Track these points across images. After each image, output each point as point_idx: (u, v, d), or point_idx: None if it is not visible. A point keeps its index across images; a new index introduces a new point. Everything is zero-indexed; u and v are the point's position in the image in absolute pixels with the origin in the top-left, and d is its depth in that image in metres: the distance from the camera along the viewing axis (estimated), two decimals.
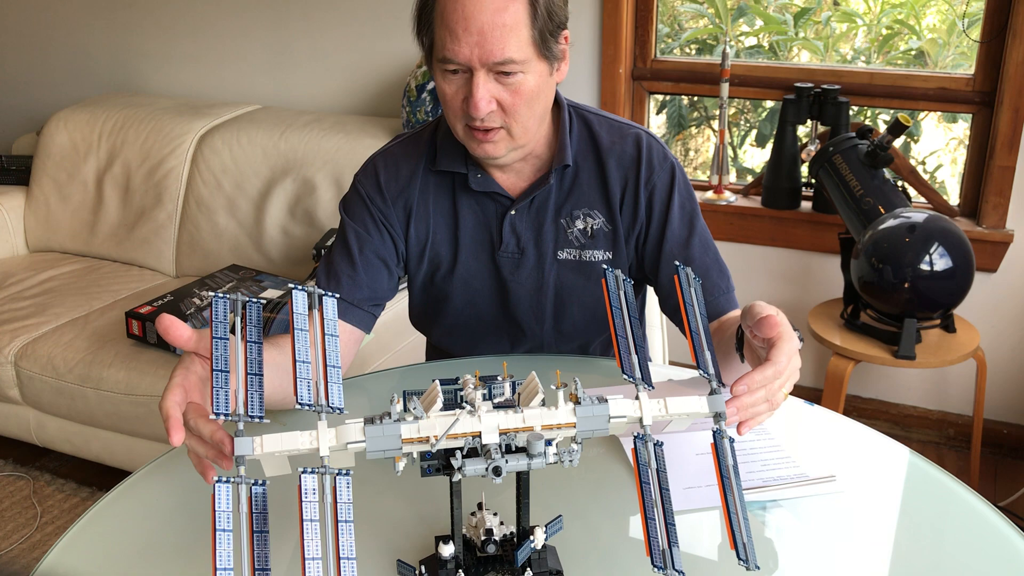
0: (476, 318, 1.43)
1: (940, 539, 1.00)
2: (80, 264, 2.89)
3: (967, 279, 2.13)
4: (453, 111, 1.24)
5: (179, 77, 3.25)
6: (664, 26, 3.01)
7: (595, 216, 1.35)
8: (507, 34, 1.15)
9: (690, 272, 0.93)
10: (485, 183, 1.34)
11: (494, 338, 1.45)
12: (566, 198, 1.36)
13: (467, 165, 1.34)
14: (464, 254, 1.38)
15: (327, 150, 2.60)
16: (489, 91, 1.19)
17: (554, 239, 1.36)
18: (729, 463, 0.84)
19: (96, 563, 0.98)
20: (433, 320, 1.47)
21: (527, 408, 0.82)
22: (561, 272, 1.38)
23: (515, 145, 1.26)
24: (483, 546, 0.88)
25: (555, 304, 1.39)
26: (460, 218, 1.37)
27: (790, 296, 2.69)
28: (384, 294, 1.39)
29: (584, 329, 1.42)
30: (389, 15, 2.84)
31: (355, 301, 1.34)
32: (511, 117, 1.22)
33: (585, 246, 1.36)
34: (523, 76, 1.19)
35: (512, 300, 1.40)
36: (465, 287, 1.40)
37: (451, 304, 1.42)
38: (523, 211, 1.36)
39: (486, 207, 1.37)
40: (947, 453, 2.60)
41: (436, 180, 1.37)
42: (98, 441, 2.39)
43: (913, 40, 3.23)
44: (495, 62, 1.17)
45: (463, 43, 1.16)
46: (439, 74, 1.22)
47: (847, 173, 2.27)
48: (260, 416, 0.80)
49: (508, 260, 1.37)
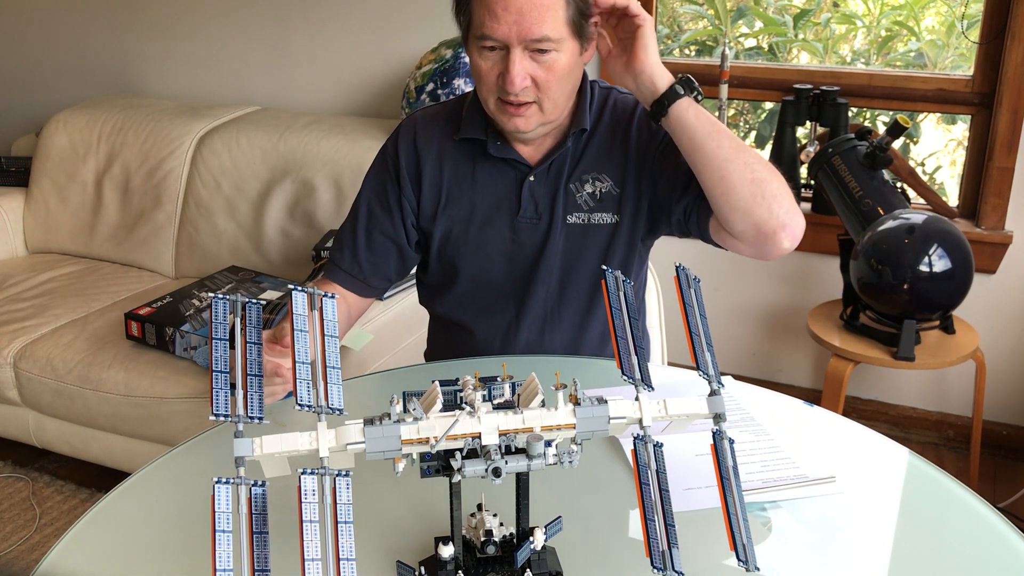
0: (486, 284, 1.47)
1: (940, 540, 1.00)
2: (79, 265, 2.88)
3: (966, 280, 2.13)
4: (487, 86, 1.30)
5: (178, 78, 3.25)
6: (664, 27, 3.01)
7: (603, 180, 1.40)
8: (544, 13, 1.22)
9: (690, 272, 0.93)
10: (504, 150, 1.40)
11: (501, 305, 1.48)
12: (578, 163, 1.41)
13: (487, 133, 1.39)
14: (480, 219, 1.43)
15: (326, 151, 2.59)
16: (524, 68, 1.26)
17: (564, 203, 1.41)
18: (729, 464, 0.84)
19: (95, 564, 0.98)
20: (443, 288, 1.51)
21: (527, 409, 0.82)
22: (569, 235, 1.42)
23: (544, 120, 1.33)
24: (483, 547, 0.88)
25: (562, 268, 1.43)
26: (478, 184, 1.43)
27: (789, 297, 2.69)
28: (392, 273, 1.49)
29: (587, 295, 1.46)
30: (388, 17, 2.84)
31: (366, 278, 1.46)
32: (544, 93, 1.29)
33: (593, 209, 1.41)
34: (557, 54, 1.26)
35: (522, 264, 1.44)
36: (478, 252, 1.44)
37: (462, 270, 1.46)
38: (541, 176, 1.41)
39: (505, 173, 1.42)
40: (946, 454, 2.60)
41: (457, 148, 1.43)
42: (97, 442, 2.39)
43: (912, 41, 3.23)
44: (532, 39, 1.23)
45: (502, 21, 1.22)
46: (475, 51, 1.29)
47: (846, 174, 2.27)
48: (259, 417, 0.80)
49: (527, 225, 1.42)
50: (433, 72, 2.51)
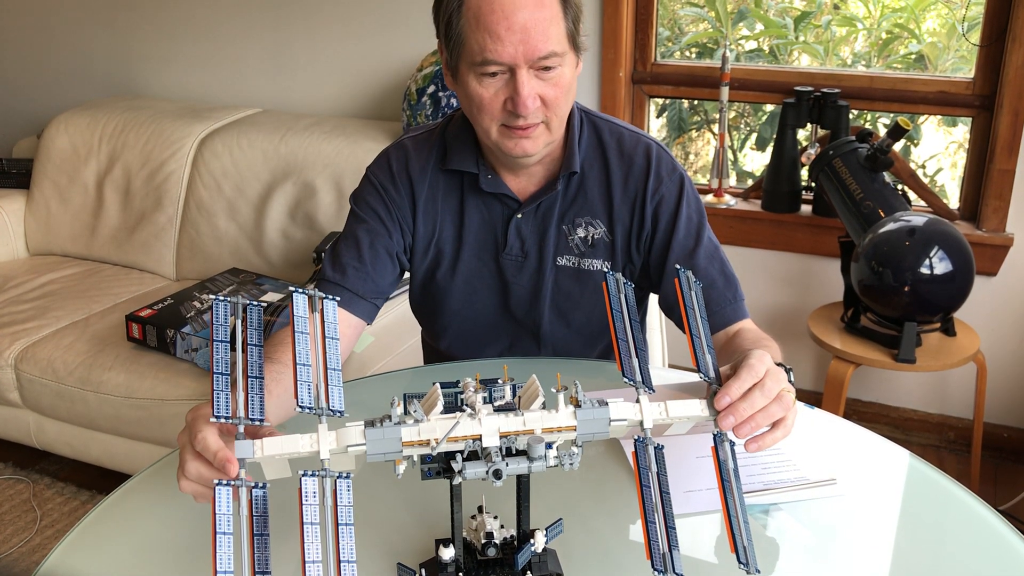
0: (473, 319, 1.43)
1: (941, 542, 1.00)
2: (80, 267, 2.89)
3: (967, 282, 2.13)
4: (490, 114, 1.22)
5: (180, 80, 3.25)
6: (664, 30, 3.01)
7: (596, 225, 1.36)
8: (548, 28, 1.16)
9: (690, 275, 0.93)
10: (495, 184, 1.34)
11: (492, 339, 1.45)
12: (570, 205, 1.36)
13: (478, 165, 1.34)
14: (467, 253, 1.39)
15: (327, 153, 2.60)
16: (533, 88, 1.19)
17: (555, 245, 1.37)
18: (729, 466, 0.84)
19: (96, 566, 0.98)
20: (432, 318, 1.47)
21: (527, 411, 0.82)
22: (560, 278, 1.38)
23: (550, 139, 1.27)
24: (483, 549, 0.88)
25: (552, 309, 1.40)
26: (466, 217, 1.38)
27: (790, 300, 2.69)
28: (388, 288, 1.39)
29: (580, 337, 1.43)
30: (389, 19, 2.84)
31: (361, 293, 1.34)
32: (552, 111, 1.22)
33: (584, 254, 1.36)
34: (561, 69, 1.20)
35: (512, 302, 1.40)
36: (466, 285, 1.40)
37: (450, 302, 1.42)
38: (529, 215, 1.36)
39: (493, 208, 1.37)
40: (947, 457, 2.59)
41: (445, 178, 1.37)
42: (98, 444, 2.39)
43: (913, 44, 3.23)
44: (539, 57, 1.17)
45: (506, 42, 1.15)
46: (473, 79, 1.20)
47: (847, 176, 2.27)
48: (260, 419, 0.80)
49: (511, 263, 1.38)
50: (434, 74, 2.51)
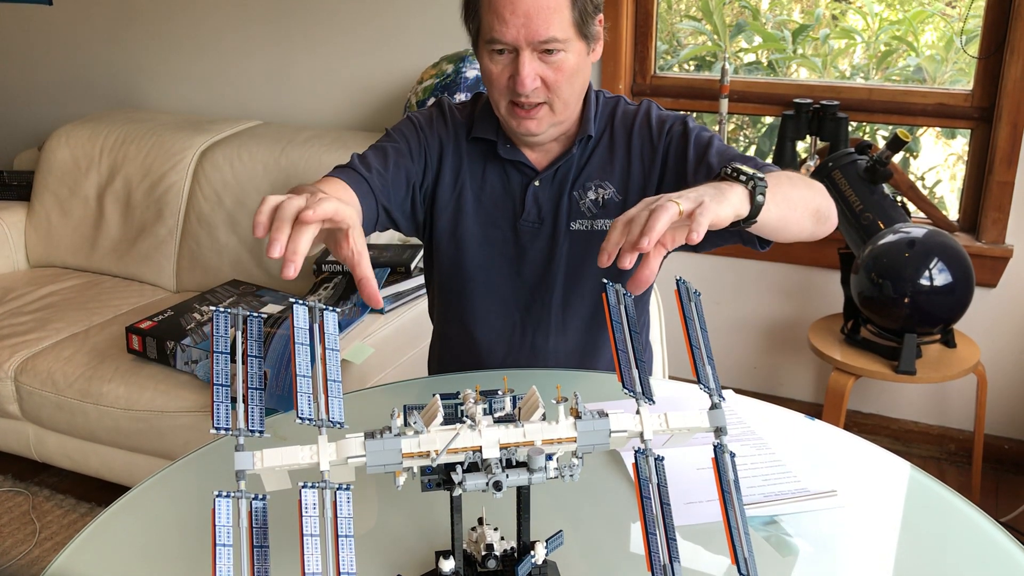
0: (487, 284, 1.47)
1: (942, 554, 1.00)
2: (80, 279, 2.89)
3: (967, 294, 2.13)
4: (499, 89, 1.34)
5: (180, 93, 3.26)
6: (663, 43, 3.02)
7: (606, 187, 1.42)
8: (551, 15, 1.26)
9: (690, 285, 0.93)
10: (513, 152, 1.43)
11: (504, 309, 1.48)
12: (582, 169, 1.43)
13: (497, 134, 1.43)
14: (485, 218, 1.45)
15: (328, 166, 2.59)
16: (534, 69, 1.30)
17: (568, 210, 1.43)
18: (730, 478, 0.84)
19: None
20: (448, 282, 1.50)
21: (528, 422, 0.82)
22: (573, 243, 1.43)
23: (555, 120, 1.36)
24: (484, 561, 0.88)
25: (568, 274, 1.44)
26: (487, 183, 1.45)
27: (790, 311, 2.69)
28: (396, 207, 1.40)
29: (594, 301, 1.46)
30: (390, 31, 2.85)
31: (376, 192, 1.35)
32: (553, 93, 1.32)
33: (596, 216, 1.42)
34: (564, 55, 1.30)
35: (526, 269, 1.46)
36: (480, 249, 1.46)
37: (467, 263, 1.47)
38: (546, 182, 1.43)
39: (511, 176, 1.45)
40: (948, 468, 2.59)
41: (470, 146, 1.46)
42: (97, 456, 2.39)
43: (911, 56, 3.24)
44: (540, 41, 1.27)
45: (510, 24, 1.27)
46: (486, 55, 1.33)
47: (846, 188, 2.27)
48: (260, 431, 0.80)
49: (528, 228, 1.44)
50: (434, 87, 2.52)
